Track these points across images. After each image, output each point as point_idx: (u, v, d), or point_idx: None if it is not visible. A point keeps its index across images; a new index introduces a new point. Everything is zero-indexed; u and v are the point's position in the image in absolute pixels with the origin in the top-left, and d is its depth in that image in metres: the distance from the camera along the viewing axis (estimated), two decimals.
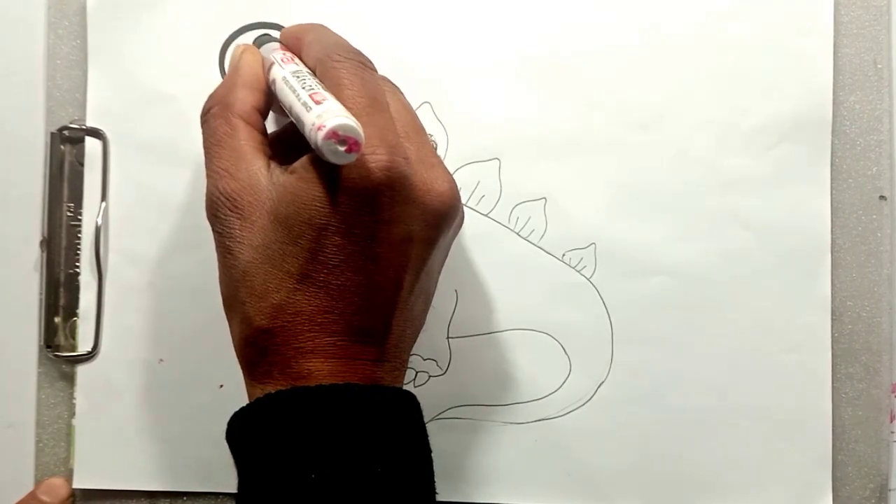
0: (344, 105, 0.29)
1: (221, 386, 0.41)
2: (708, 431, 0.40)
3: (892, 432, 0.40)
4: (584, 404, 0.40)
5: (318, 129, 0.27)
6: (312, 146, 0.28)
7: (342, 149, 0.27)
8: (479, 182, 0.41)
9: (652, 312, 0.40)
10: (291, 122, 0.32)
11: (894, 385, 0.40)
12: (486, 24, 0.41)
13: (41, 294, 0.41)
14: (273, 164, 0.31)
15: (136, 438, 0.41)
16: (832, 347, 0.40)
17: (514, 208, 0.41)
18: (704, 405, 0.40)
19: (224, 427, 0.41)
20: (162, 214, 0.41)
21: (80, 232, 0.42)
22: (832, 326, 0.40)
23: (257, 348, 0.30)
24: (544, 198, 0.41)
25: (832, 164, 0.40)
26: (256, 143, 0.32)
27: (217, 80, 0.41)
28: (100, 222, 0.41)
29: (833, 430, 0.40)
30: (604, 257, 0.40)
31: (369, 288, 0.29)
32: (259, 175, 0.30)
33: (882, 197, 0.41)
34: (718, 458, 0.40)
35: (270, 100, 0.34)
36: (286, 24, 0.41)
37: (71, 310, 0.42)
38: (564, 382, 0.40)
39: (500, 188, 0.41)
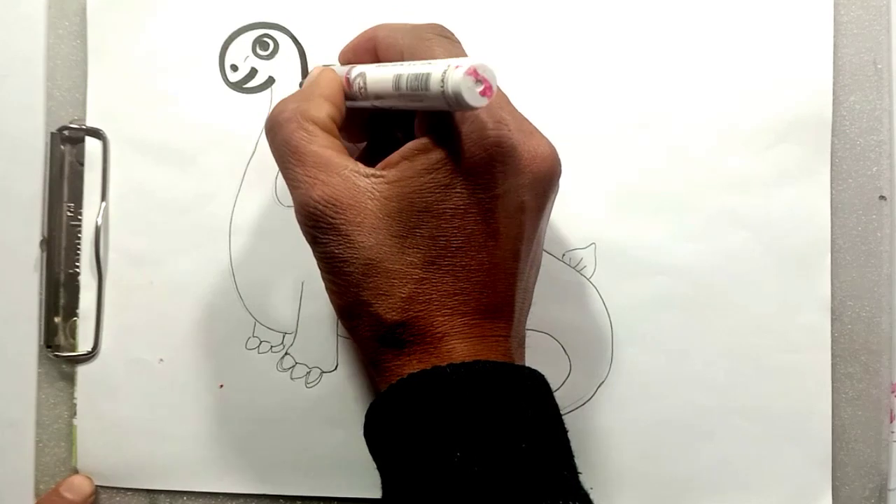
0: None
1: (221, 386, 0.41)
2: (708, 431, 0.40)
3: (892, 432, 0.40)
4: (584, 404, 0.40)
5: (456, 67, 0.26)
6: (440, 94, 0.26)
7: (478, 89, 0.26)
8: None
9: (652, 312, 0.40)
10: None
11: (894, 385, 0.40)
12: (486, 25, 0.41)
13: (41, 294, 0.42)
14: (360, 165, 0.30)
15: (136, 438, 0.41)
16: (832, 347, 0.40)
17: None
18: (704, 405, 0.40)
19: (224, 427, 0.41)
20: (162, 214, 0.41)
21: (80, 232, 0.42)
22: (832, 326, 0.40)
23: (392, 343, 0.30)
24: None
25: (832, 164, 0.40)
26: (338, 147, 0.31)
27: (217, 79, 0.41)
28: (100, 222, 0.41)
29: (833, 429, 0.40)
30: (604, 257, 0.40)
31: (492, 264, 0.29)
32: (353, 176, 0.29)
33: (882, 197, 0.41)
34: (718, 458, 0.40)
35: (344, 118, 0.33)
36: (286, 24, 0.41)
37: (71, 310, 0.42)
38: (564, 382, 0.40)
39: None
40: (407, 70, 0.28)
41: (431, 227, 0.29)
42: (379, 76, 0.30)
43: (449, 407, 0.28)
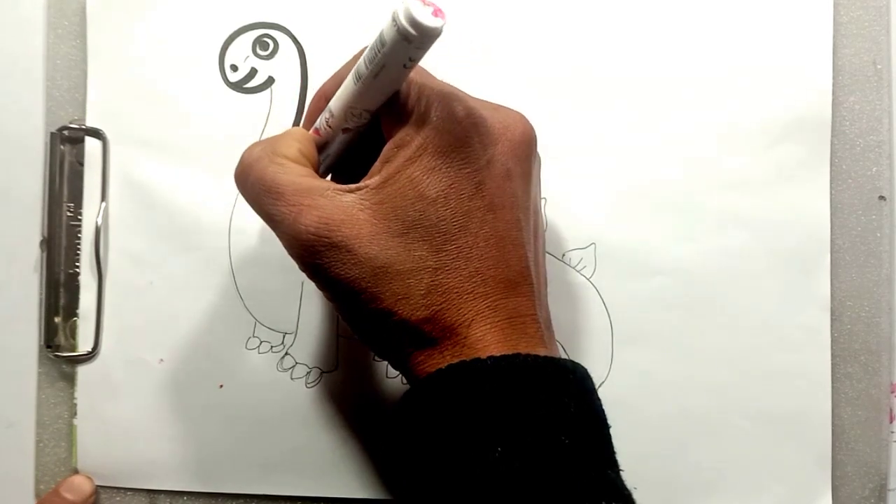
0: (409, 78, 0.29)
1: (221, 386, 0.41)
2: (708, 431, 0.40)
3: (892, 432, 0.40)
4: None
5: (404, 2, 0.26)
6: (396, 30, 0.27)
7: (430, 11, 0.26)
8: None
9: (652, 312, 0.40)
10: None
11: (894, 385, 0.40)
12: (486, 25, 0.41)
13: (41, 294, 0.41)
14: (340, 185, 0.30)
15: (136, 438, 0.41)
16: (831, 347, 0.40)
17: None
18: (704, 405, 0.40)
19: (224, 427, 0.41)
20: (162, 214, 0.41)
21: (79, 232, 0.42)
22: (831, 326, 0.40)
23: (424, 341, 0.29)
24: (544, 198, 0.41)
25: (832, 164, 0.40)
26: (313, 174, 0.30)
27: (217, 79, 0.41)
28: (100, 222, 0.41)
29: (833, 429, 0.40)
30: (604, 257, 0.40)
31: (497, 237, 0.29)
32: (337, 194, 0.29)
33: (882, 197, 0.41)
34: (718, 458, 0.40)
35: (317, 157, 0.32)
36: (286, 24, 0.41)
37: (71, 310, 0.42)
38: None
39: None
40: (362, 57, 0.29)
41: (430, 215, 0.28)
42: (341, 90, 0.31)
43: (490, 401, 0.27)
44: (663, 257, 0.40)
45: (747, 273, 0.40)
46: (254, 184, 0.30)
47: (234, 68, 0.41)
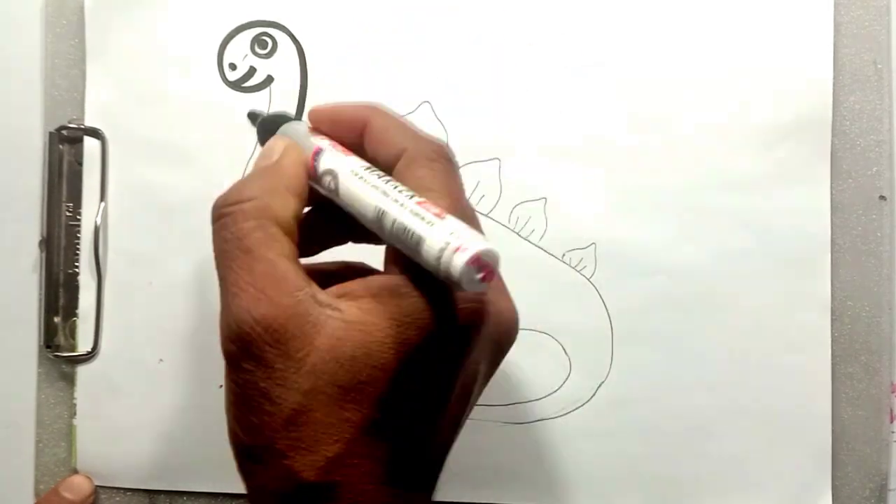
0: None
1: (221, 386, 0.41)
2: (708, 431, 0.40)
3: (893, 432, 0.40)
4: (584, 404, 0.40)
5: (457, 250, 0.23)
6: (432, 267, 0.23)
7: (479, 276, 0.23)
8: (479, 182, 0.40)
9: (652, 312, 0.40)
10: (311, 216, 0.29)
11: (894, 385, 0.40)
12: (486, 25, 0.41)
13: (41, 294, 0.41)
14: (316, 288, 0.25)
15: (136, 438, 0.41)
16: (832, 347, 0.40)
17: (514, 208, 0.41)
18: (704, 405, 0.40)
19: (224, 427, 0.41)
20: (162, 214, 0.41)
21: (79, 232, 0.41)
22: (832, 326, 0.40)
23: (307, 499, 0.25)
24: (544, 198, 0.41)
25: (832, 164, 0.40)
26: (296, 261, 0.26)
27: (216, 78, 0.41)
28: (99, 222, 0.41)
29: (833, 429, 0.40)
30: (604, 257, 0.40)
31: (432, 434, 0.26)
32: (307, 303, 0.24)
33: (882, 197, 0.41)
34: (718, 458, 0.40)
35: (303, 205, 0.28)
36: (285, 22, 0.41)
37: (70, 310, 0.42)
38: (564, 382, 0.40)
39: (500, 188, 0.41)
40: (395, 213, 0.25)
41: (380, 387, 0.24)
42: (357, 193, 0.26)
43: None
44: (663, 257, 0.40)
45: (747, 273, 0.40)
46: (230, 239, 0.26)
47: (233, 67, 0.41)
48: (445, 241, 0.23)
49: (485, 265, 0.23)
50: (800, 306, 0.40)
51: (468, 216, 0.26)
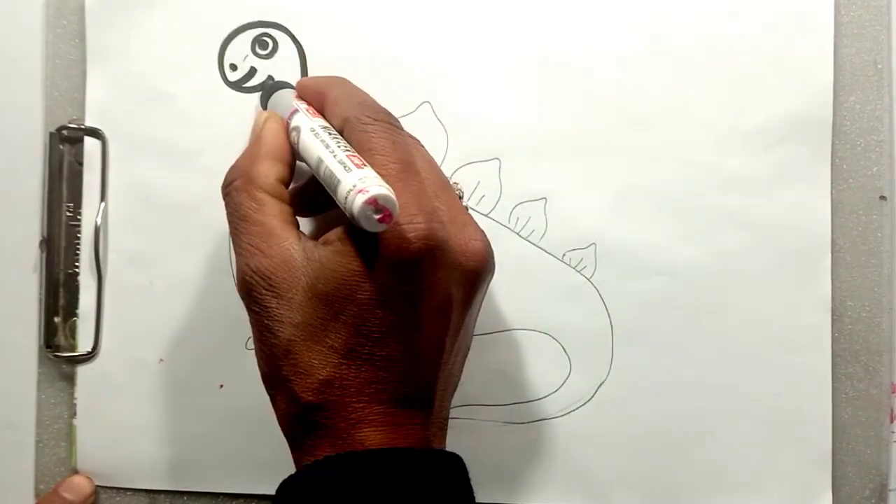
0: (377, 171, 0.28)
1: (221, 386, 0.41)
2: (708, 431, 0.40)
3: (893, 432, 0.40)
4: (584, 404, 0.40)
5: (359, 192, 0.27)
6: (343, 206, 0.28)
7: (376, 217, 0.27)
8: (479, 182, 0.41)
9: (652, 312, 0.40)
10: (311, 177, 0.33)
11: (894, 385, 0.40)
12: (486, 25, 0.41)
13: (41, 294, 0.41)
14: (303, 237, 0.31)
15: (136, 438, 0.41)
16: (832, 347, 0.40)
17: (514, 208, 0.41)
18: (704, 405, 0.40)
19: (224, 427, 0.41)
20: (162, 214, 0.41)
21: (79, 232, 0.41)
22: (832, 326, 0.40)
23: (305, 423, 0.30)
24: (544, 198, 0.41)
25: (832, 164, 0.40)
26: (284, 216, 0.31)
27: (216, 79, 0.41)
28: (99, 222, 0.41)
29: (833, 430, 0.40)
30: (604, 257, 0.40)
31: (413, 355, 0.29)
32: (292, 250, 0.30)
33: (882, 197, 0.40)
34: (718, 458, 0.40)
35: (293, 169, 0.34)
36: (285, 23, 0.41)
37: (71, 310, 0.42)
38: (564, 382, 0.40)
39: (500, 188, 0.41)
40: (328, 160, 0.29)
41: (353, 315, 0.28)
42: (308, 145, 0.31)
43: (363, 493, 0.28)
44: (663, 257, 0.40)
45: (748, 273, 0.40)
46: (232, 211, 0.32)
47: (234, 67, 0.41)
48: (353, 185, 0.27)
49: (382, 208, 0.27)
50: (800, 306, 0.40)
51: (411, 171, 0.30)
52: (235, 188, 0.32)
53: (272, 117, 0.34)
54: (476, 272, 0.31)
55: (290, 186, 0.33)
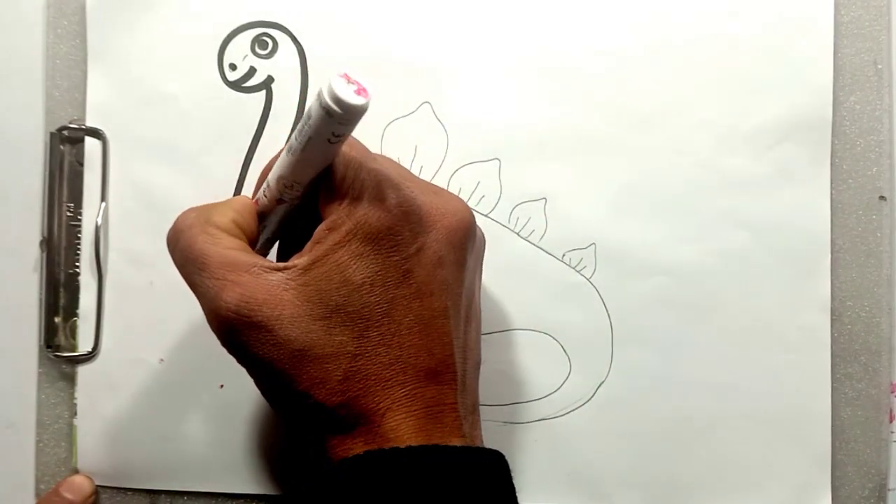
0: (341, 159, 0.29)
1: (222, 386, 0.41)
2: (707, 431, 0.40)
3: (892, 432, 0.40)
4: (584, 404, 0.40)
5: (329, 79, 0.27)
6: (323, 115, 0.27)
7: (353, 89, 0.27)
8: (479, 182, 0.41)
9: (652, 312, 0.40)
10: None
11: (894, 385, 0.41)
12: (486, 25, 0.41)
13: (41, 294, 0.41)
14: (268, 261, 0.30)
15: (136, 438, 0.41)
16: (831, 347, 0.40)
17: (514, 208, 0.41)
18: (704, 405, 0.40)
19: (224, 427, 0.41)
20: (162, 214, 0.41)
21: (79, 232, 0.41)
22: (831, 326, 0.40)
23: (338, 426, 0.29)
24: (544, 198, 0.41)
25: (832, 164, 0.40)
26: (244, 247, 0.30)
27: (216, 78, 0.41)
28: (99, 222, 0.41)
29: (832, 429, 0.40)
30: (604, 257, 0.40)
31: (421, 324, 0.29)
32: (263, 272, 0.29)
33: (882, 197, 0.41)
34: (718, 458, 0.40)
35: (256, 226, 0.32)
36: (285, 22, 0.41)
37: (71, 310, 0.42)
38: (564, 382, 0.40)
39: (500, 188, 0.41)
40: (295, 132, 0.29)
41: (354, 300, 0.28)
42: (277, 160, 0.31)
43: (400, 491, 0.27)
44: (663, 257, 0.40)
45: (747, 273, 0.40)
46: (182, 251, 0.30)
47: (234, 67, 0.41)
48: (319, 89, 0.27)
49: (354, 81, 0.27)
50: (800, 306, 0.40)
51: (376, 158, 0.31)
52: (186, 225, 0.30)
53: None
54: (460, 230, 0.31)
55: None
